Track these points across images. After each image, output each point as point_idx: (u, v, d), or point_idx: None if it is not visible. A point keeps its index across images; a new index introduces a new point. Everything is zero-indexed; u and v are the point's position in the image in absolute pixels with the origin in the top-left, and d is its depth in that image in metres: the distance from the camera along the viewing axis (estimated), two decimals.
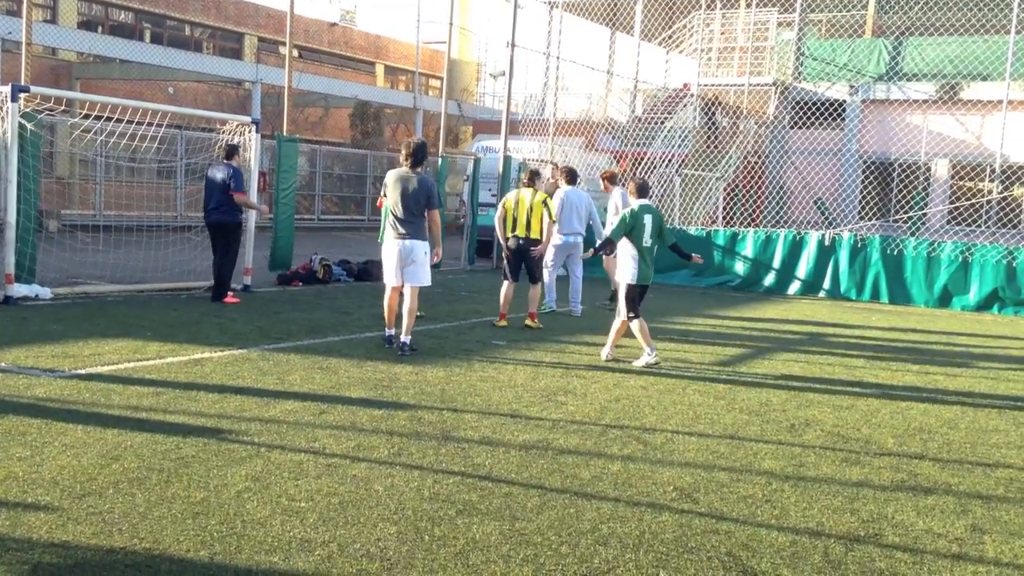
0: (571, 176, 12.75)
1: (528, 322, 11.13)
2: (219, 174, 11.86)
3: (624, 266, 9.16)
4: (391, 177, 8.93)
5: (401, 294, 9.07)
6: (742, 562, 4.29)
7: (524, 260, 11.21)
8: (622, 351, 9.50)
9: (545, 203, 11.10)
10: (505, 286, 11.23)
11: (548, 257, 12.63)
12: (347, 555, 4.09)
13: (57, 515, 4.32)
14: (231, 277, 12.11)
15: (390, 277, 9.04)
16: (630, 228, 9.03)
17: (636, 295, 9.13)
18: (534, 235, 11.11)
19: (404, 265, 8.91)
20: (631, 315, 9.07)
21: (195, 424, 6.00)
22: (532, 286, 11.33)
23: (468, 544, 4.29)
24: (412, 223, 8.85)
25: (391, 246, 8.94)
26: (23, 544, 3.99)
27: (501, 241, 11.39)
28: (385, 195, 9.08)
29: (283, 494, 4.78)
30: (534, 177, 11.35)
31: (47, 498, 4.53)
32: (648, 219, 9.09)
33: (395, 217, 8.86)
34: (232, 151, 12.18)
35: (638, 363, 9.02)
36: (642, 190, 9.34)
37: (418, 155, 8.89)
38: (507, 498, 4.94)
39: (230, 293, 11.97)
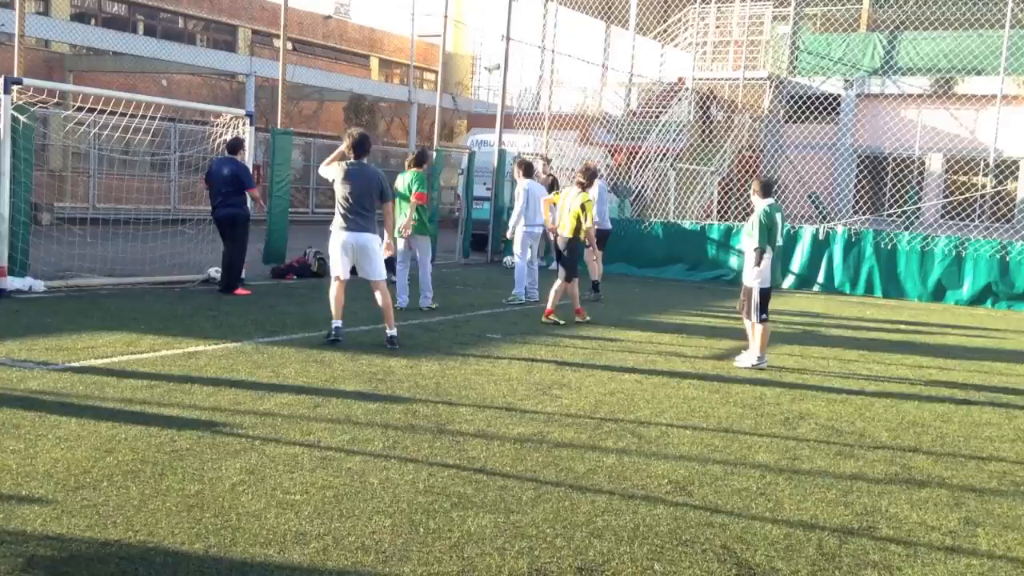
0: (528, 169, 12.94)
1: (545, 318, 11.04)
2: (225, 169, 11.94)
3: (756, 269, 8.91)
4: (338, 170, 8.68)
5: (370, 287, 8.90)
6: (736, 555, 4.30)
7: (560, 256, 11.40)
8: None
9: (583, 207, 11.09)
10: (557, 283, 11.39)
11: (516, 247, 12.85)
12: (342, 548, 4.09)
13: (51, 508, 4.31)
14: (242, 270, 12.26)
15: (336, 269, 8.85)
16: (768, 230, 8.82)
17: (767, 298, 9.00)
18: (568, 233, 11.17)
19: (356, 259, 8.74)
20: (764, 317, 8.93)
21: (189, 417, 5.98)
22: (558, 281, 11.22)
23: (463, 537, 4.29)
24: (364, 216, 8.66)
25: (338, 238, 8.73)
26: (17, 537, 3.98)
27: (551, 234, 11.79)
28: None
29: (278, 487, 4.77)
30: (592, 176, 11.39)
31: (41, 491, 4.52)
32: (779, 218, 8.91)
33: (344, 209, 8.64)
34: (237, 145, 12.24)
35: (742, 362, 9.02)
36: (767, 188, 9.04)
37: (362, 146, 8.69)
38: (502, 491, 4.94)
39: (240, 286, 12.14)
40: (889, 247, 16.60)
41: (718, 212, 21.03)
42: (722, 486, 5.27)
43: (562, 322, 10.97)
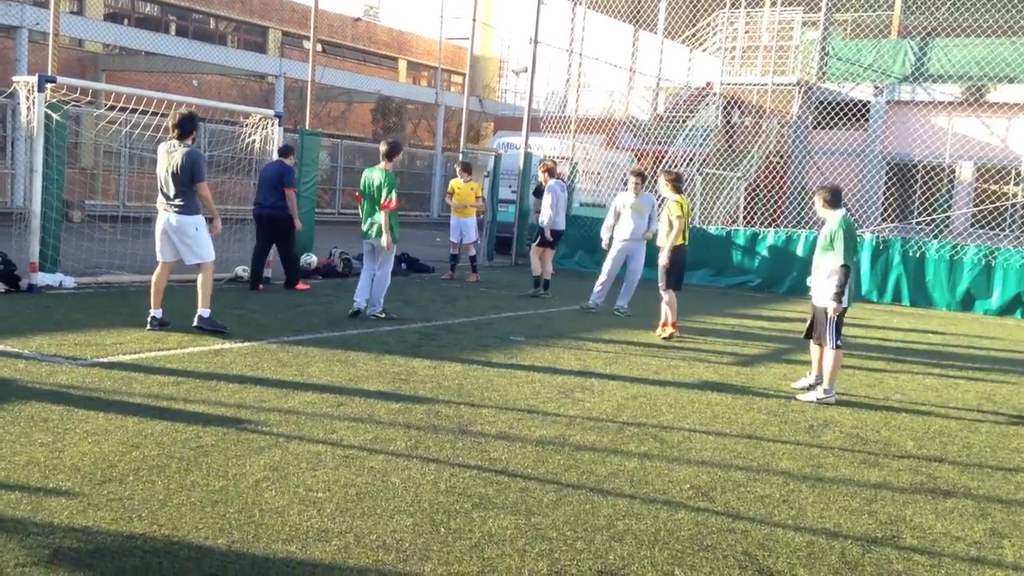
0: (641, 177, 11.83)
1: (663, 331, 10.72)
2: (271, 170, 12.50)
3: (842, 288, 7.87)
4: (159, 151, 8.76)
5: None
6: (758, 561, 4.28)
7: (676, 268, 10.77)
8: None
9: (680, 206, 10.53)
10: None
11: (611, 255, 12.08)
12: (363, 546, 4.11)
13: (78, 501, 4.37)
14: (298, 266, 12.91)
15: (158, 252, 8.91)
16: (853, 242, 7.86)
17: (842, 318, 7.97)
18: (666, 243, 10.65)
19: (175, 242, 8.78)
20: (839, 344, 7.87)
21: (215, 414, 6.04)
22: (668, 294, 10.76)
23: (484, 537, 4.30)
24: (174, 197, 8.66)
25: (158, 220, 8.80)
26: (44, 528, 4.04)
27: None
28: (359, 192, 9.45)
29: (301, 484, 4.81)
30: (678, 181, 10.79)
31: (68, 484, 4.58)
32: (858, 232, 8.28)
33: (160, 191, 8.71)
34: (287, 150, 12.78)
35: (804, 395, 7.98)
36: (838, 197, 7.99)
37: (182, 126, 8.72)
38: (523, 493, 4.94)
39: (300, 281, 12.84)
40: (917, 255, 16.44)
41: (744, 218, 20.92)
42: (744, 492, 5.24)
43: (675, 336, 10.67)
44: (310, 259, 13.40)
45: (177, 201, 8.67)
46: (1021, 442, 6.92)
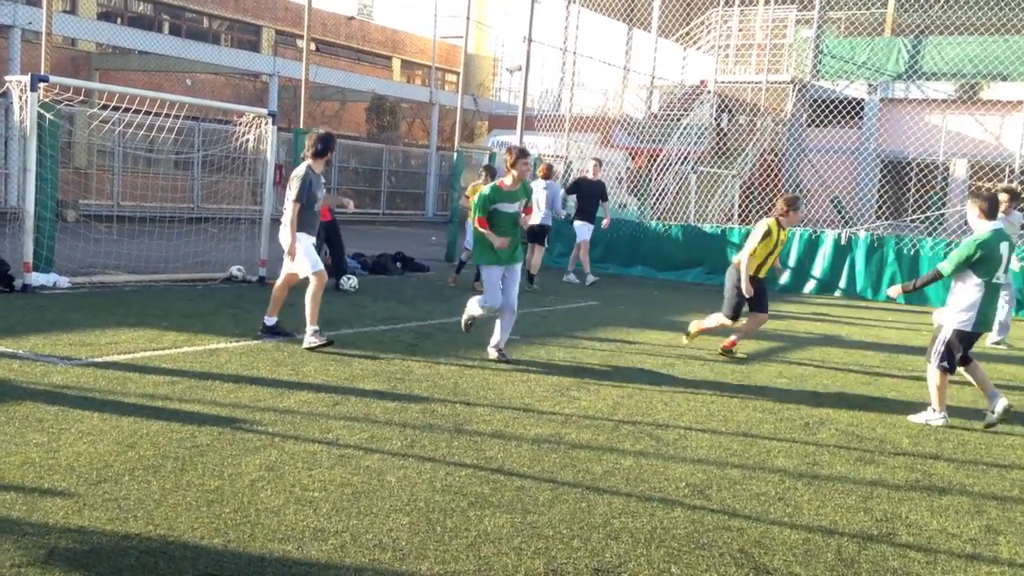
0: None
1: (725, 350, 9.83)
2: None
3: (959, 304, 7.11)
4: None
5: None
6: (754, 559, 4.28)
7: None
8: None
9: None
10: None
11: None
12: (360, 545, 4.11)
13: (73, 501, 4.36)
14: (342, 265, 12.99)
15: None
16: (973, 261, 7.00)
17: (964, 342, 7.16)
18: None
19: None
20: (944, 365, 7.15)
21: (210, 413, 6.03)
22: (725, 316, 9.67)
23: (480, 536, 4.30)
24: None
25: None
26: (39, 529, 4.02)
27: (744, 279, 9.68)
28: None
29: (297, 484, 4.80)
30: (796, 204, 9.44)
31: (63, 484, 4.57)
32: (1005, 248, 7.07)
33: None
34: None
35: (916, 418, 7.32)
36: (993, 207, 7.10)
37: (314, 145, 8.48)
38: (519, 491, 4.94)
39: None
40: (912, 253, 16.47)
41: (739, 216, 20.94)
42: (740, 490, 5.25)
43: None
44: (351, 281, 13.10)
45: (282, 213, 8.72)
46: (1016, 439, 6.94)
